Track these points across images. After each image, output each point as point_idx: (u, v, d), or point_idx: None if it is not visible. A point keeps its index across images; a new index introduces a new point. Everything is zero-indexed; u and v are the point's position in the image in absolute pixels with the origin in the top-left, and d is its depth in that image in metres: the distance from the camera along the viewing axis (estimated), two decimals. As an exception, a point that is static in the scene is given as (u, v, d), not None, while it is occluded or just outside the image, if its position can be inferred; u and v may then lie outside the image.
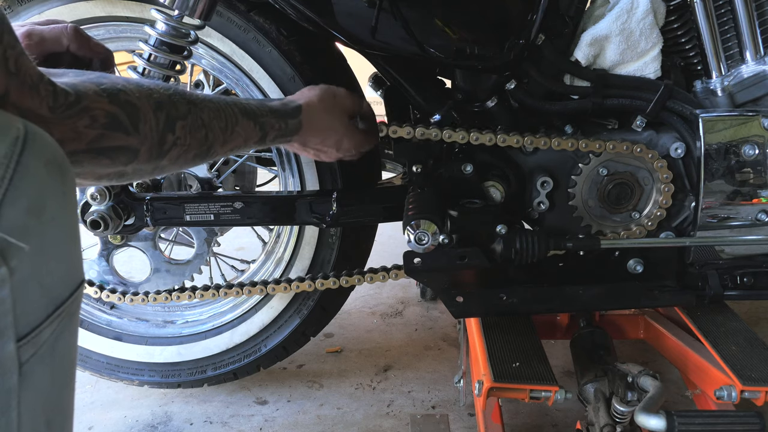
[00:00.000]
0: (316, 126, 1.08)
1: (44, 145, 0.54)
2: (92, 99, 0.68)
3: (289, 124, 1.03)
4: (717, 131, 1.09)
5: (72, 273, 0.58)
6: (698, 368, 1.19)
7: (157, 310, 1.49)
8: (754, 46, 1.09)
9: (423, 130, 1.12)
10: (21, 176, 0.50)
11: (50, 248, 0.54)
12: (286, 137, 1.04)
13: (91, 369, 1.48)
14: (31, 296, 0.52)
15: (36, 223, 0.51)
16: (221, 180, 1.41)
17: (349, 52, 1.22)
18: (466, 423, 1.36)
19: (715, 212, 1.13)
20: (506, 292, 1.19)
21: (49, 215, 0.53)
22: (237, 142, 0.93)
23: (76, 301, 0.59)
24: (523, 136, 1.12)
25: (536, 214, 1.20)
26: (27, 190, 0.51)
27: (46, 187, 0.53)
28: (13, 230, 0.50)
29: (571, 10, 1.12)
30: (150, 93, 0.76)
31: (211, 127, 0.86)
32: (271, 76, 1.24)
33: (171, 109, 0.79)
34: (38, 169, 0.52)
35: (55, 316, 0.55)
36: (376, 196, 1.28)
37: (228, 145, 0.91)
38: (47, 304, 0.54)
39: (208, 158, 0.90)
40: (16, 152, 0.50)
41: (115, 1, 1.23)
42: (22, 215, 0.50)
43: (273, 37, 1.22)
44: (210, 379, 1.46)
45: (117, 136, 0.71)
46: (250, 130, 0.95)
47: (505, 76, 1.14)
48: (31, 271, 0.52)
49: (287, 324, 1.40)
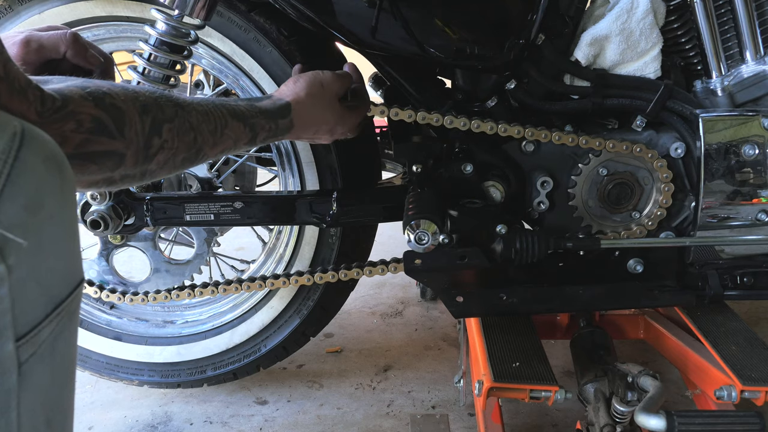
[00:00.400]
0: (308, 122, 1.07)
1: (42, 142, 0.53)
2: (78, 103, 0.68)
3: (279, 124, 1.03)
4: (717, 131, 1.09)
5: (71, 271, 0.57)
6: (698, 368, 1.19)
7: (157, 310, 1.49)
8: (754, 46, 1.09)
9: (424, 114, 1.13)
10: (19, 172, 0.50)
11: (49, 246, 0.53)
12: (277, 136, 1.03)
13: (90, 369, 1.48)
14: (30, 295, 0.52)
15: (34, 219, 0.51)
16: (221, 180, 1.41)
17: (349, 52, 1.22)
18: (466, 423, 1.36)
19: (715, 212, 1.13)
20: (506, 292, 1.19)
21: (48, 212, 0.52)
22: (227, 144, 0.93)
23: (76, 300, 0.58)
24: (524, 127, 1.12)
25: (536, 214, 1.20)
26: (25, 186, 0.50)
27: (44, 184, 0.52)
28: (11, 227, 0.49)
29: (571, 10, 1.12)
30: (136, 96, 0.75)
31: (200, 129, 0.86)
32: (271, 76, 1.24)
33: (157, 112, 0.78)
34: (36, 165, 0.52)
35: (54, 315, 0.54)
36: (376, 196, 1.28)
37: (218, 147, 0.91)
38: (46, 303, 0.54)
39: (197, 161, 0.89)
40: (14, 148, 0.50)
41: (116, 1, 1.23)
42: (20, 211, 0.50)
43: (273, 37, 1.22)
44: (210, 379, 1.47)
45: (102, 141, 0.71)
46: (240, 131, 0.95)
47: (505, 76, 1.14)
48: (30, 269, 0.51)
49: (287, 324, 1.40)
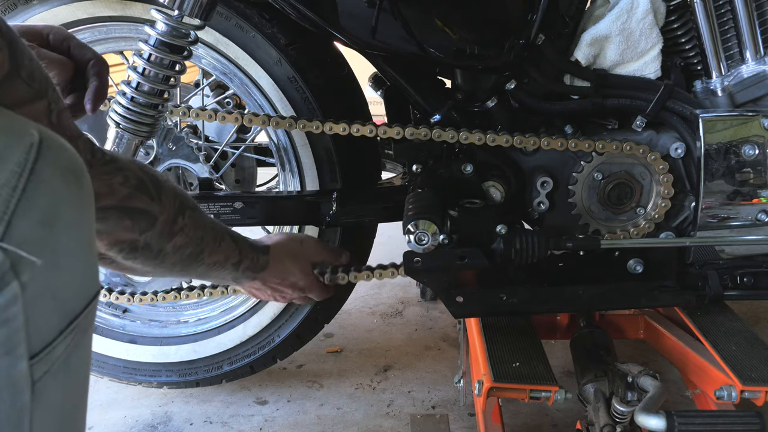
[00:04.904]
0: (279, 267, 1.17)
1: (61, 152, 0.52)
2: (125, 162, 0.77)
3: (260, 259, 1.12)
4: (717, 131, 1.09)
5: (88, 283, 0.55)
6: (698, 368, 1.19)
7: (169, 310, 1.49)
8: (754, 46, 1.09)
9: (413, 130, 1.14)
10: (35, 185, 0.48)
11: (65, 259, 0.51)
12: (254, 271, 1.12)
13: (109, 374, 1.47)
14: (44, 311, 0.50)
15: (50, 233, 0.49)
16: (221, 173, 1.41)
17: (349, 52, 1.22)
18: (466, 423, 1.36)
19: (715, 212, 1.13)
20: (506, 292, 1.19)
21: (64, 224, 0.51)
22: (219, 258, 1.00)
23: (91, 314, 0.57)
24: (513, 136, 1.12)
25: (536, 215, 1.20)
26: (40, 200, 0.49)
27: (61, 196, 0.51)
28: (26, 243, 0.47)
29: (571, 10, 1.12)
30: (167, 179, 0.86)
31: (206, 232, 0.94)
32: (272, 77, 1.24)
33: (185, 196, 0.89)
34: (54, 177, 0.50)
35: (68, 331, 0.53)
36: (376, 196, 1.28)
37: (213, 257, 0.98)
38: (61, 319, 0.52)
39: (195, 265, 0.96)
40: (30, 160, 0.48)
41: (97, 2, 1.23)
42: (35, 227, 0.48)
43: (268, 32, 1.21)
44: (227, 374, 1.45)
45: (144, 199, 0.78)
46: (231, 251, 1.03)
47: (505, 76, 1.14)
48: (44, 286, 0.49)
49: (298, 312, 1.39)
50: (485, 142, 1.12)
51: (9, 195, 0.47)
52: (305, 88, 1.23)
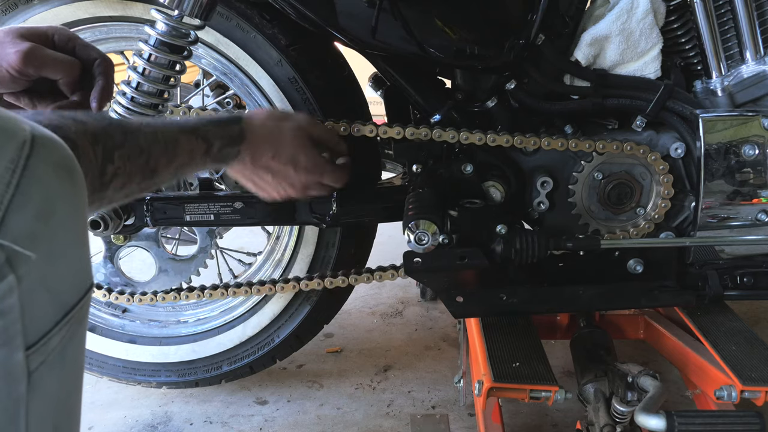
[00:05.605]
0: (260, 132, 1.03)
1: (53, 147, 0.53)
2: None
3: (231, 128, 1.00)
4: (717, 131, 1.09)
5: (82, 276, 0.57)
6: (698, 368, 1.19)
7: (169, 310, 1.49)
8: (754, 46, 1.09)
9: (413, 130, 1.14)
10: (29, 181, 0.49)
11: (59, 252, 0.53)
12: (232, 145, 1.01)
13: (108, 374, 1.47)
14: (40, 303, 0.51)
15: (45, 227, 0.50)
16: (221, 174, 1.41)
17: (349, 52, 1.22)
18: (466, 423, 1.36)
19: (715, 212, 1.13)
20: (506, 292, 1.19)
21: (59, 219, 0.52)
22: (182, 159, 0.92)
23: (85, 306, 0.58)
24: (513, 136, 1.12)
25: (536, 214, 1.20)
26: (35, 195, 0.50)
27: (55, 191, 0.52)
28: (21, 237, 0.49)
29: (571, 10, 1.12)
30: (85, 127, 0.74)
31: (151, 150, 0.85)
32: (272, 78, 1.24)
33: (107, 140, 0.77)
34: (47, 172, 0.51)
35: (64, 323, 0.54)
36: (376, 196, 1.28)
37: (173, 164, 0.90)
38: (56, 310, 0.53)
39: (156, 181, 0.88)
40: (23, 156, 0.50)
41: (98, 2, 1.23)
42: (29, 221, 0.49)
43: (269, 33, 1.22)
44: (227, 374, 1.45)
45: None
46: (193, 143, 0.93)
47: (505, 76, 1.14)
48: (40, 278, 0.51)
49: (298, 312, 1.39)
50: (485, 142, 1.13)
51: (3, 191, 0.48)
52: (306, 89, 1.23)
